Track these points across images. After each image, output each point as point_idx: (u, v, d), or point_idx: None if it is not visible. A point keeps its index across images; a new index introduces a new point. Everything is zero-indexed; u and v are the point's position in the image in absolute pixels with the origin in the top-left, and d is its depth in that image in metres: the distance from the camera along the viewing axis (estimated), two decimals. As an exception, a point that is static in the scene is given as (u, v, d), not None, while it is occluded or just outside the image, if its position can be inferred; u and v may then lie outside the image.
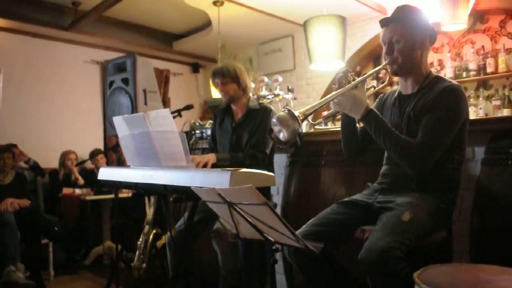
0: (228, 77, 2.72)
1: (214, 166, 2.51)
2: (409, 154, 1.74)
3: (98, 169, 4.45)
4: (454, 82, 1.85)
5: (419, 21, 1.87)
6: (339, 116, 2.02)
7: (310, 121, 1.81)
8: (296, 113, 1.63)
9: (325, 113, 2.08)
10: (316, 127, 2.92)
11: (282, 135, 1.66)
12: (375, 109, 1.85)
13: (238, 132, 2.77)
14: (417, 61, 1.88)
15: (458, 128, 1.78)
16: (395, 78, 2.09)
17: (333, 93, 1.79)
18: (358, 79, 1.81)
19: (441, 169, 1.80)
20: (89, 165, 5.18)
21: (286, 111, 1.65)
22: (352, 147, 2.05)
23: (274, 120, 1.67)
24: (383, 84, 2.11)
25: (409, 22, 1.85)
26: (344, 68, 1.87)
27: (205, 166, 2.49)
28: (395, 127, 1.86)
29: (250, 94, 2.87)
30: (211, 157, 2.54)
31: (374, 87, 2.09)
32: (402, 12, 1.88)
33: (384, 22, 1.91)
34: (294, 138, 1.67)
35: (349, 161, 2.26)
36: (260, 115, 2.72)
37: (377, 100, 2.12)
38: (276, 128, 1.68)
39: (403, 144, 1.75)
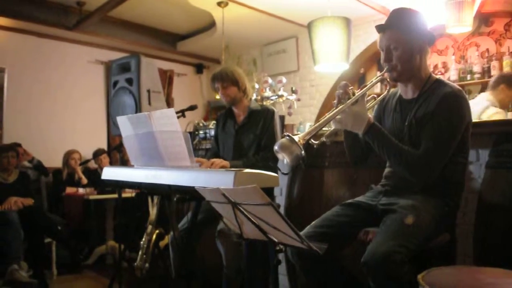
0: (228, 81, 2.73)
1: None
2: (414, 167, 1.72)
3: (101, 168, 4.46)
4: (455, 86, 1.82)
5: (416, 25, 1.83)
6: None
7: (312, 141, 1.75)
8: (296, 138, 1.60)
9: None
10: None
11: (286, 162, 1.63)
12: (376, 123, 1.81)
13: (241, 134, 2.79)
14: (417, 66, 1.84)
15: (461, 134, 1.76)
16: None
17: (334, 111, 1.75)
18: (357, 94, 1.76)
19: (445, 172, 1.78)
20: (92, 164, 5.19)
21: (287, 137, 1.61)
22: (356, 153, 2.03)
23: (276, 148, 1.63)
24: (383, 95, 2.04)
25: (406, 28, 1.81)
26: (343, 82, 1.82)
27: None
28: (397, 133, 1.85)
29: (254, 96, 2.88)
30: (225, 164, 2.55)
31: (375, 98, 2.05)
32: (398, 17, 1.84)
33: (380, 28, 1.88)
34: (298, 162, 1.62)
35: (354, 166, 2.25)
36: (262, 116, 2.74)
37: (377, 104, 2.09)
38: (279, 156, 1.64)
39: (407, 157, 1.73)
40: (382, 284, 1.55)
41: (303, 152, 1.59)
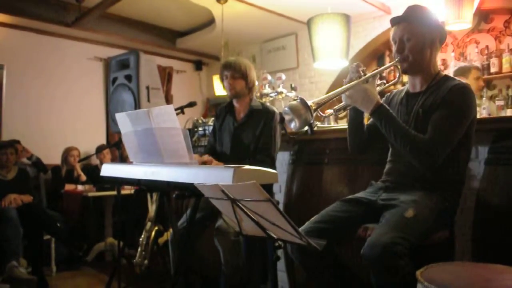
0: (239, 73, 2.70)
1: None
2: (419, 150, 1.74)
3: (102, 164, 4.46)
4: (463, 81, 1.86)
5: (429, 21, 1.90)
6: (342, 114, 2.02)
7: (321, 113, 1.79)
8: (309, 102, 1.62)
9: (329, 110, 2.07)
10: (319, 125, 2.92)
11: (294, 125, 1.65)
12: (385, 104, 1.85)
13: (240, 132, 2.76)
14: (427, 60, 1.90)
15: (467, 125, 1.79)
16: (403, 78, 2.10)
17: (345, 85, 1.81)
18: (369, 74, 1.84)
19: (446, 168, 1.80)
20: (93, 161, 5.20)
21: (299, 100, 1.63)
22: (357, 141, 2.05)
23: (286, 109, 1.65)
24: (393, 82, 2.05)
25: (420, 21, 1.87)
26: (355, 63, 1.88)
27: None
28: None
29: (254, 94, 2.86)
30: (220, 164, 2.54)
31: (384, 83, 2.08)
32: (413, 12, 1.91)
33: (395, 21, 1.93)
34: (305, 127, 1.65)
35: (353, 156, 2.26)
36: (263, 117, 2.68)
37: (383, 99, 2.10)
38: (287, 117, 1.66)
39: (413, 140, 1.75)
40: (382, 276, 1.56)
41: (313, 117, 1.62)
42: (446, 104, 1.78)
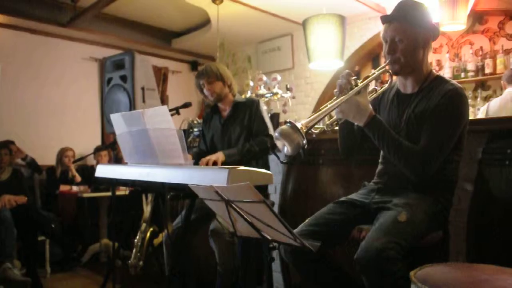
0: (212, 76, 2.73)
1: (224, 164, 2.50)
2: (413, 162, 1.72)
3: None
4: (456, 83, 1.81)
5: (422, 19, 1.81)
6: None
7: (313, 130, 1.70)
8: (299, 125, 1.56)
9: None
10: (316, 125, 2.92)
11: (286, 150, 1.59)
12: (378, 116, 1.80)
13: (227, 126, 2.82)
14: (419, 61, 1.83)
15: (460, 132, 1.76)
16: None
17: (336, 100, 1.73)
18: (360, 85, 1.75)
19: (439, 169, 1.77)
20: (88, 161, 5.18)
21: (289, 125, 1.57)
22: (349, 146, 2.02)
23: (276, 134, 1.59)
24: (385, 87, 2.02)
25: (413, 21, 1.79)
26: (345, 71, 1.79)
27: (214, 164, 2.49)
28: (393, 128, 1.83)
29: (248, 93, 2.91)
30: (219, 156, 2.55)
31: (376, 90, 2.02)
32: (406, 9, 1.81)
33: (386, 19, 1.85)
34: (298, 151, 1.58)
35: (346, 160, 2.25)
36: (248, 107, 2.76)
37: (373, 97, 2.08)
38: (279, 143, 1.61)
39: (406, 152, 1.72)
40: (375, 281, 1.55)
41: (305, 140, 1.56)
42: (440, 111, 1.73)
